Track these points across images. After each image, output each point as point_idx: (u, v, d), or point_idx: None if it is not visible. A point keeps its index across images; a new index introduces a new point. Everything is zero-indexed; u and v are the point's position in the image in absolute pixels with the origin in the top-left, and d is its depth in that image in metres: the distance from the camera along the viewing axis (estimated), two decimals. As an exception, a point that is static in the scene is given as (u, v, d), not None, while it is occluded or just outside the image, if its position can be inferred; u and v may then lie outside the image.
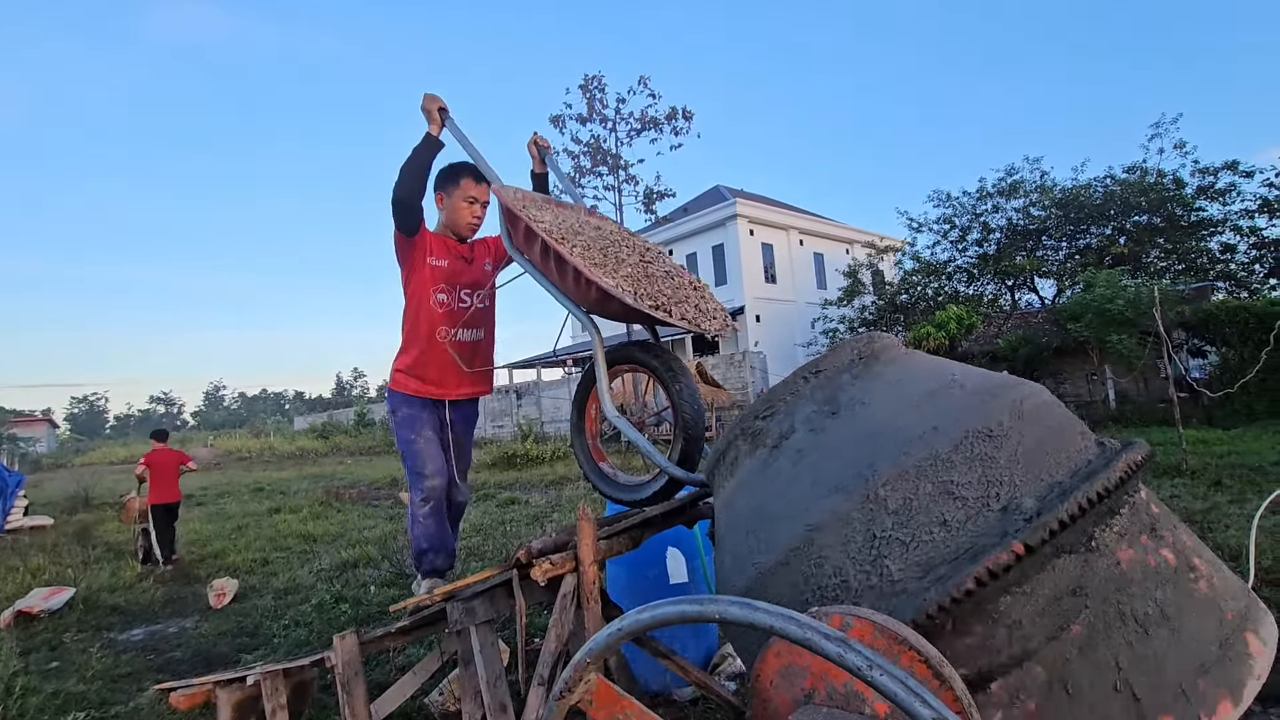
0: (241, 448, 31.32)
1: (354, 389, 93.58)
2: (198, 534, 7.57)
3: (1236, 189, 18.40)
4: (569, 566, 1.42)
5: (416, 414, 2.47)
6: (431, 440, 2.46)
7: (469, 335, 2.53)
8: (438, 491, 2.42)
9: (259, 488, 13.89)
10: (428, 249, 2.43)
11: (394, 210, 2.30)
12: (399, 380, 2.50)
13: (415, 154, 2.27)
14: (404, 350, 2.50)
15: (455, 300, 2.48)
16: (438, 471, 2.43)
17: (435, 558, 2.47)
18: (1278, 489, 4.87)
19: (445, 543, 2.52)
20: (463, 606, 1.50)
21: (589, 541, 1.39)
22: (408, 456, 2.46)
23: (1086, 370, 14.65)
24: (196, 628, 3.99)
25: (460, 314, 2.48)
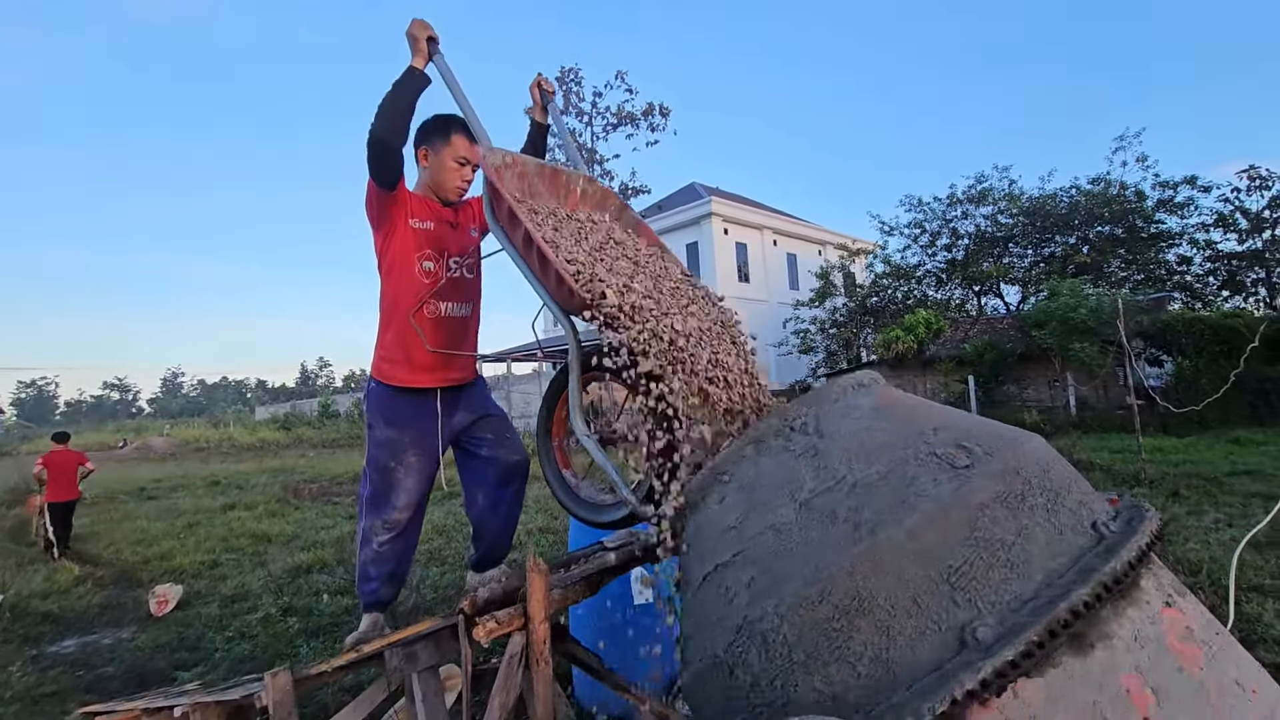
0: (199, 438, 30.36)
1: (319, 378, 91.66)
2: (145, 532, 7.23)
3: (1194, 203, 19.05)
4: (517, 624, 1.28)
5: (398, 438, 2.11)
6: (413, 469, 2.12)
7: (459, 310, 2.19)
8: (402, 524, 2.14)
9: (215, 481, 13.44)
10: (408, 209, 2.09)
11: (370, 154, 1.94)
12: (384, 370, 2.13)
13: (396, 89, 1.92)
14: (385, 330, 2.14)
15: (442, 269, 2.13)
16: (410, 504, 2.13)
17: (381, 588, 2.20)
18: (1233, 503, 4.99)
19: (397, 572, 2.24)
20: (403, 652, 1.37)
21: (540, 596, 1.26)
22: (376, 482, 2.13)
23: (1049, 376, 14.96)
24: (133, 639, 3.76)
25: (449, 286, 2.14)
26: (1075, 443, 9.21)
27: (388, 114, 1.91)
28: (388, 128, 1.92)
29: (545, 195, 1.89)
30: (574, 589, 1.49)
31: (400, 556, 2.21)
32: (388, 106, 1.92)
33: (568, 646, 1.68)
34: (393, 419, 2.12)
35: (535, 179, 1.86)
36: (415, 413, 2.13)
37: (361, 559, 2.19)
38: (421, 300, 2.08)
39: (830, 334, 21.97)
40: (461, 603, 1.36)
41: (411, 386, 2.13)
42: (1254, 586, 3.42)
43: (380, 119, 1.91)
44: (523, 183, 1.83)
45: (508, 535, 2.34)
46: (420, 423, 2.13)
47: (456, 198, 2.20)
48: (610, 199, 2.02)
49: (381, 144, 1.92)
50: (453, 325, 2.15)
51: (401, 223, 2.09)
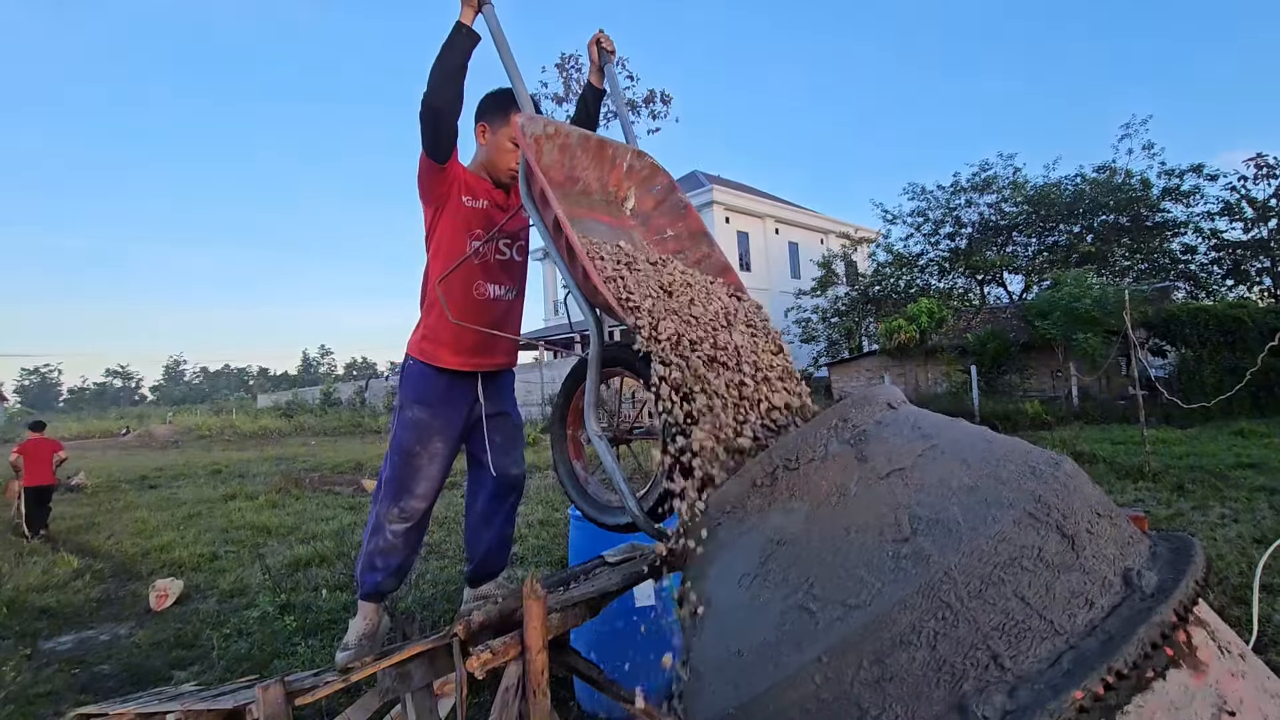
0: (202, 425, 30.40)
1: (320, 366, 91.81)
2: (145, 523, 7.21)
3: (1200, 192, 18.86)
4: (512, 653, 1.23)
5: (429, 420, 2.03)
6: (437, 457, 2.04)
7: (506, 294, 2.11)
8: (419, 514, 2.07)
9: (217, 469, 13.44)
10: (462, 185, 2.00)
11: (423, 122, 1.82)
12: (427, 349, 2.03)
13: (442, 51, 1.78)
14: (430, 310, 2.04)
15: (493, 251, 2.06)
16: (428, 493, 2.06)
17: (383, 580, 2.12)
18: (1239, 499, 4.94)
19: (405, 566, 2.17)
20: (396, 671, 1.33)
21: (537, 624, 1.21)
22: (398, 466, 2.04)
23: (1052, 367, 14.90)
24: (131, 635, 3.74)
25: (497, 267, 2.07)
26: (1078, 434, 9.17)
27: (436, 79, 1.78)
28: (438, 95, 1.78)
29: (589, 169, 1.79)
30: (573, 611, 1.43)
31: (412, 547, 2.13)
32: (436, 71, 1.78)
33: (567, 658, 1.64)
34: (426, 399, 2.04)
35: (579, 151, 1.75)
36: (449, 395, 2.06)
37: (369, 547, 2.09)
38: (471, 283, 2.00)
39: (832, 323, 21.90)
40: (455, 626, 1.31)
41: (453, 369, 2.05)
42: (1263, 585, 3.38)
43: (431, 85, 1.79)
44: (564, 155, 1.72)
45: (500, 550, 2.27)
46: (453, 407, 2.07)
47: (509, 180, 2.09)
48: (659, 176, 1.91)
49: (433, 112, 1.80)
50: (498, 308, 2.08)
51: (454, 199, 2.00)
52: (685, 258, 1.88)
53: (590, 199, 1.83)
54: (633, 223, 1.91)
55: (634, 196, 1.92)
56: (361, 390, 35.12)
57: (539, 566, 4.59)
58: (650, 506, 1.50)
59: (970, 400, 13.93)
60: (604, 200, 1.87)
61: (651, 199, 1.93)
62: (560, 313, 28.13)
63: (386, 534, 2.05)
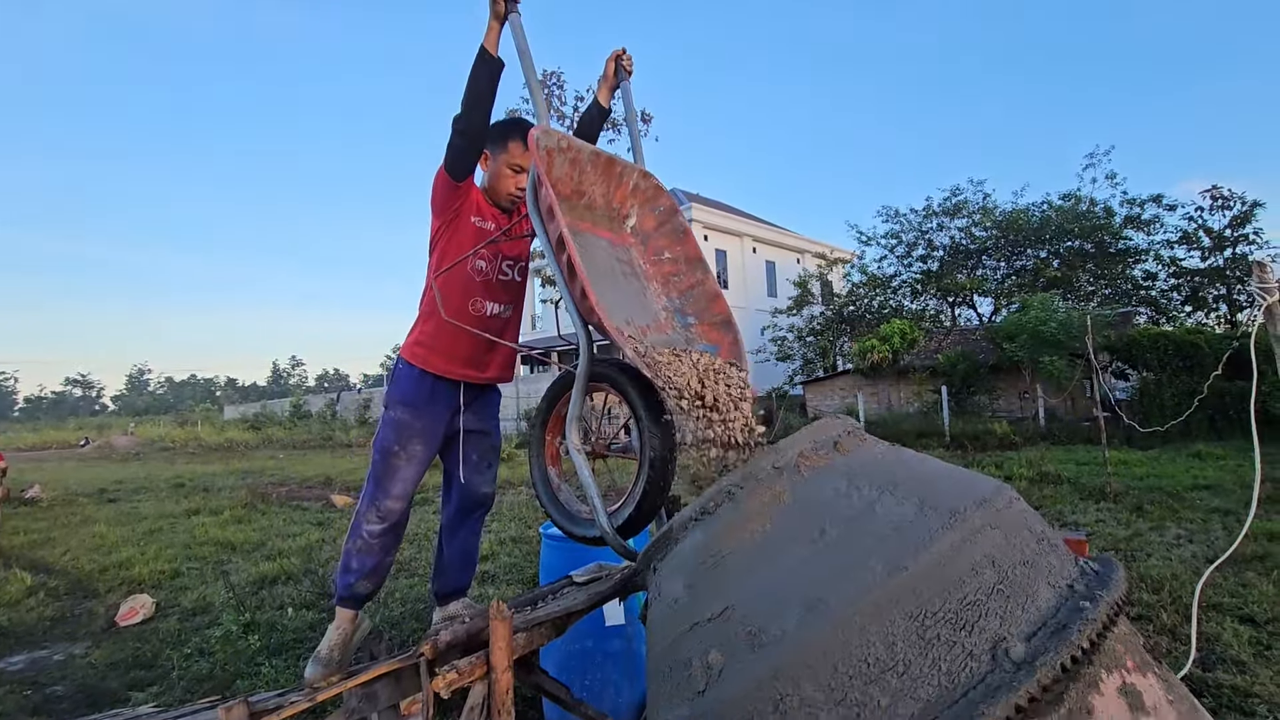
0: (165, 436, 29.60)
1: (291, 377, 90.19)
2: (103, 538, 7.00)
3: (1160, 220, 19.62)
4: (478, 673, 1.24)
5: (411, 421, 2.07)
6: (415, 460, 2.08)
7: (503, 312, 2.18)
8: (394, 515, 2.08)
9: (180, 483, 13.09)
10: (473, 205, 2.07)
11: (453, 144, 1.90)
12: (418, 354, 2.08)
13: (473, 77, 1.84)
14: (428, 318, 2.10)
15: (496, 271, 2.13)
16: (404, 495, 2.07)
17: (359, 582, 2.10)
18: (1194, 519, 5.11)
19: (380, 569, 2.15)
20: (362, 691, 1.33)
21: (503, 645, 1.22)
22: (377, 465, 2.08)
23: (1020, 388, 15.24)
24: (87, 655, 3.63)
25: (498, 287, 2.14)
26: (1044, 454, 9.38)
27: (470, 106, 1.85)
28: (468, 119, 1.85)
29: (596, 184, 1.83)
30: (539, 631, 1.44)
31: (387, 550, 2.13)
32: (469, 99, 1.85)
33: (535, 678, 1.64)
34: (410, 401, 2.08)
35: (588, 166, 1.79)
36: (433, 400, 2.10)
37: (347, 548, 2.10)
38: (470, 298, 2.06)
39: (808, 342, 22.17)
40: (422, 645, 1.31)
41: (440, 375, 2.09)
42: (1213, 605, 3.50)
43: (463, 109, 1.85)
44: (574, 169, 1.76)
45: (463, 567, 2.27)
46: (436, 413, 2.11)
47: (509, 204, 2.15)
48: (662, 197, 1.96)
49: (462, 136, 1.87)
50: (494, 325, 2.14)
51: (464, 217, 2.06)
52: (679, 282, 1.92)
53: (594, 213, 1.87)
54: (632, 240, 1.95)
55: (636, 215, 1.97)
56: (333, 403, 34.53)
57: (510, 585, 4.55)
58: (621, 524, 1.53)
59: (941, 420, 14.17)
60: (607, 216, 1.91)
61: (653, 219, 1.97)
62: (538, 327, 28.07)
63: (362, 534, 2.06)
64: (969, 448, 11.86)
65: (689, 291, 1.87)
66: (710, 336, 1.78)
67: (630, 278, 1.78)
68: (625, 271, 1.78)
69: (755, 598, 0.90)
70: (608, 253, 1.77)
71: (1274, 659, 2.84)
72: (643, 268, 1.87)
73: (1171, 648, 3.00)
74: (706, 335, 1.79)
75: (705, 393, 1.34)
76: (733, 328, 1.81)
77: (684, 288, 1.87)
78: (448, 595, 2.22)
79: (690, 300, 1.87)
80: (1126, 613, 0.84)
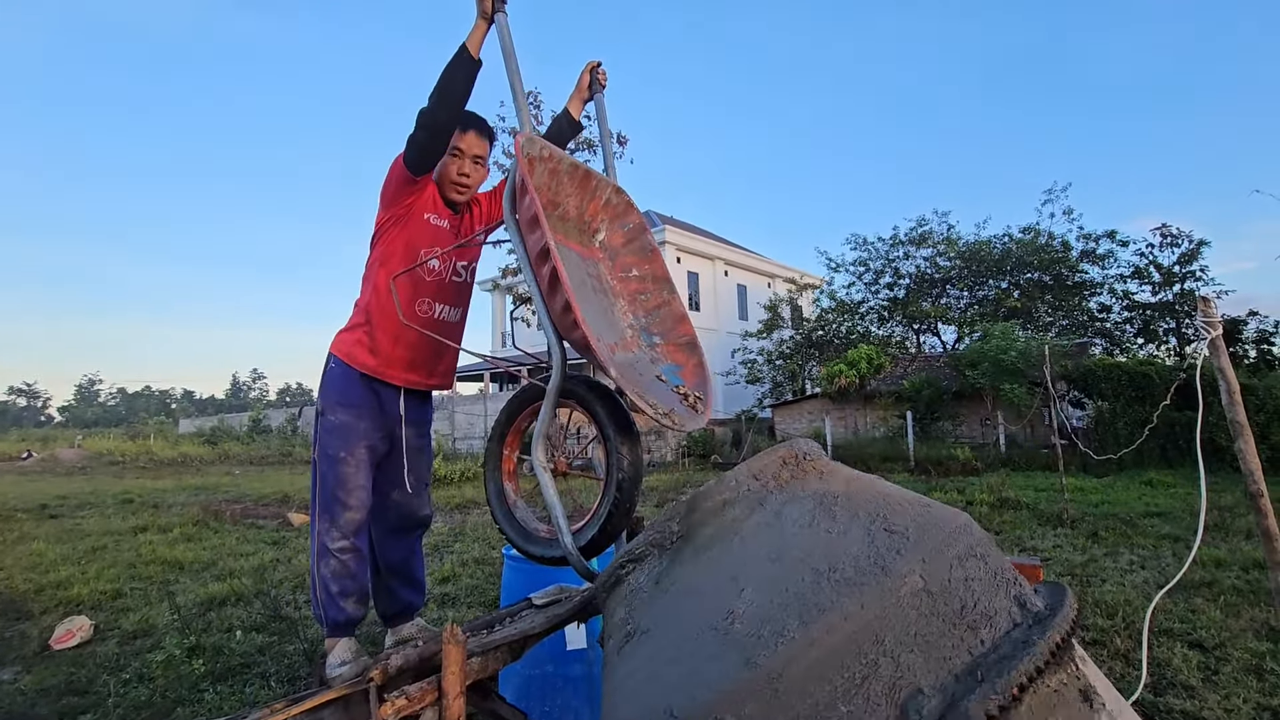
0: (115, 450, 28.43)
1: (251, 391, 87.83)
2: (41, 556, 6.65)
3: (1114, 255, 20.45)
4: (429, 699, 1.20)
5: (354, 423, 1.91)
6: (363, 464, 1.92)
7: (451, 315, 2.08)
8: (356, 526, 1.92)
9: (128, 499, 12.56)
10: (428, 201, 1.99)
11: (415, 139, 1.81)
12: (353, 352, 1.94)
13: (450, 75, 1.76)
14: (367, 313, 1.95)
15: (450, 272, 2.04)
16: (361, 504, 1.91)
17: (348, 604, 1.90)
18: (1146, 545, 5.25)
19: (364, 584, 1.98)
20: (309, 718, 1.27)
21: (455, 670, 1.18)
22: (325, 477, 1.91)
23: (981, 414, 15.59)
24: (15, 680, 3.42)
25: (449, 288, 2.04)
26: (1004, 480, 9.57)
27: (437, 101, 1.77)
28: (436, 116, 1.78)
29: (571, 196, 1.82)
30: (494, 655, 1.40)
31: (361, 564, 1.98)
32: (438, 93, 1.77)
33: (491, 704, 1.60)
34: (350, 401, 1.94)
35: (565, 178, 1.78)
36: (375, 402, 1.97)
37: (321, 575, 1.91)
38: (417, 299, 1.97)
39: (777, 365, 22.41)
40: (372, 669, 1.26)
41: (378, 378, 1.96)
42: (1164, 630, 3.58)
43: (431, 104, 1.78)
44: (552, 179, 1.74)
45: (408, 587, 2.15)
46: (378, 414, 1.97)
47: (455, 195, 2.05)
48: (632, 214, 1.96)
49: (428, 132, 1.79)
50: (443, 330, 2.04)
51: (417, 212, 1.97)
52: (646, 300, 1.91)
53: (565, 225, 1.85)
54: (600, 255, 1.94)
55: (605, 230, 1.96)
56: (294, 418, 33.64)
57: (471, 607, 4.45)
58: (583, 545, 1.50)
59: (906, 445, 14.40)
60: (578, 229, 1.90)
61: (621, 235, 1.96)
62: (509, 345, 27.86)
63: (332, 556, 1.90)
64: (933, 473, 12.06)
65: (656, 311, 1.87)
66: (675, 357, 1.78)
67: (599, 293, 1.78)
68: (594, 287, 1.78)
69: (681, 637, 0.89)
70: (579, 266, 1.76)
71: (1222, 683, 2.91)
72: (610, 284, 1.86)
73: (1125, 672, 3.05)
74: (671, 355, 1.78)
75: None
76: (698, 350, 1.80)
77: (651, 306, 1.87)
78: (395, 617, 2.13)
79: (656, 319, 1.86)
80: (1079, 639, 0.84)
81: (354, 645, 1.90)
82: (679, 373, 1.72)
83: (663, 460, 17.86)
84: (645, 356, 1.72)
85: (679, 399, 1.58)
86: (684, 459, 17.48)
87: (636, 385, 1.44)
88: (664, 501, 9.67)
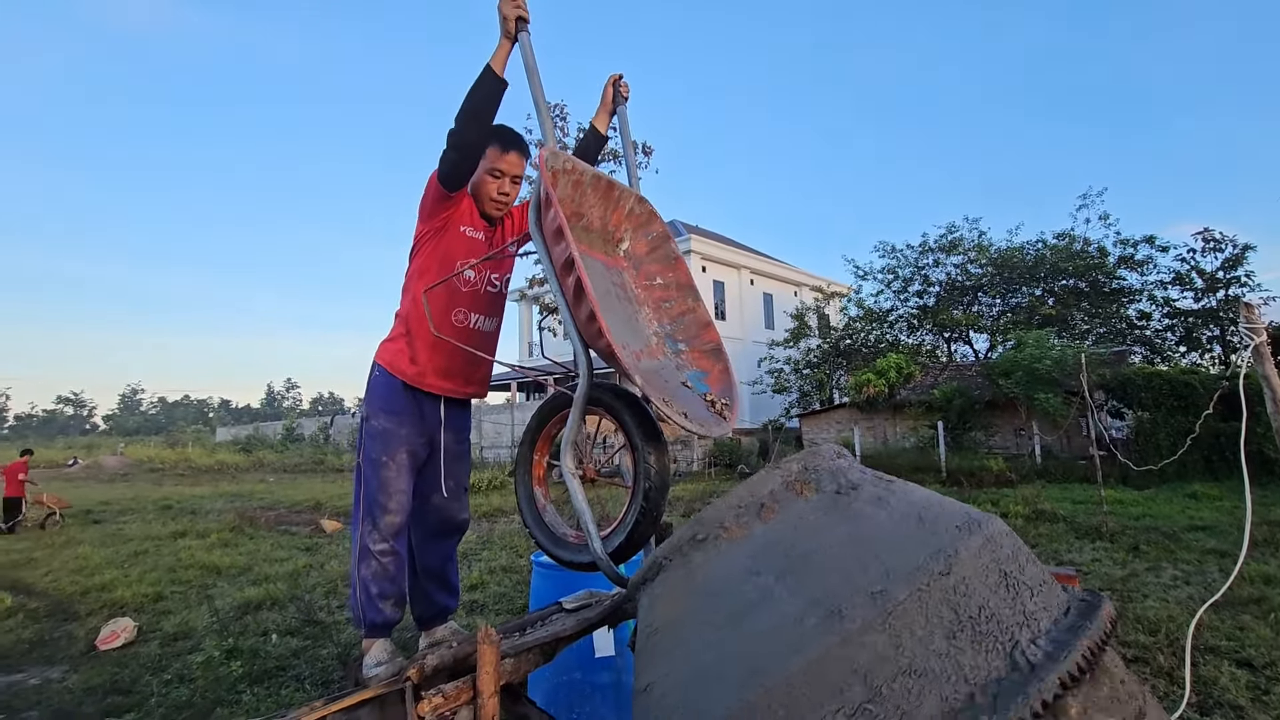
0: (155, 458, 29.33)
1: (285, 400, 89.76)
2: (86, 560, 6.89)
3: (1153, 261, 19.85)
4: (464, 698, 1.23)
5: (395, 429, 1.99)
6: (404, 468, 2.00)
7: (486, 325, 2.15)
8: (396, 529, 1.98)
9: (167, 505, 12.94)
10: (464, 214, 2.06)
11: (446, 156, 1.89)
12: (395, 361, 2.02)
13: (476, 94, 1.83)
14: (407, 323, 2.03)
15: (484, 283, 2.11)
16: (401, 508, 1.98)
17: (386, 606, 1.96)
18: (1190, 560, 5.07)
19: (402, 588, 2.04)
20: (345, 717, 1.30)
21: (490, 669, 1.20)
22: (369, 480, 1.98)
23: (1015, 425, 15.24)
24: (64, 680, 3.55)
25: (484, 298, 2.12)
26: (1039, 492, 9.33)
27: (464, 119, 1.85)
28: (464, 134, 1.85)
29: (595, 206, 1.85)
30: (527, 657, 1.42)
31: (401, 567, 2.03)
32: (465, 111, 1.84)
33: (522, 709, 1.61)
34: (392, 408, 2.02)
35: (589, 189, 1.82)
36: (416, 409, 2.04)
37: (361, 576, 1.97)
38: (453, 309, 2.04)
39: (804, 374, 22.20)
40: (409, 669, 1.29)
41: (418, 386, 2.03)
42: (1210, 648, 3.45)
43: (459, 124, 1.85)
44: (576, 191, 1.78)
45: (444, 591, 2.20)
46: (419, 421, 2.04)
47: (495, 212, 2.13)
48: (655, 223, 1.99)
49: (458, 150, 1.87)
50: (476, 338, 2.10)
51: (454, 226, 2.05)
52: (671, 308, 1.94)
53: (590, 236, 1.89)
54: (625, 264, 1.97)
55: (629, 239, 1.99)
56: (326, 426, 34.30)
57: (499, 614, 4.48)
58: (610, 551, 1.51)
59: (937, 455, 14.13)
60: (602, 238, 1.93)
61: (645, 244, 1.99)
62: (535, 355, 28.07)
63: (374, 558, 1.96)
64: (965, 484, 11.81)
65: (680, 318, 1.88)
66: (700, 363, 1.79)
67: (624, 301, 1.80)
68: (619, 295, 1.80)
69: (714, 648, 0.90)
70: (603, 276, 1.79)
71: (1272, 704, 2.80)
72: (635, 292, 1.89)
73: (1168, 690, 2.95)
74: (696, 362, 1.80)
75: None
76: (723, 356, 1.81)
77: (675, 314, 1.88)
78: (430, 620, 2.18)
79: (681, 326, 1.88)
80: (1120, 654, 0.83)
81: (390, 646, 1.94)
82: (705, 379, 1.73)
83: (689, 470, 17.80)
84: (670, 363, 1.73)
85: (705, 405, 1.59)
86: (710, 469, 17.40)
87: (661, 392, 1.45)
88: (690, 511, 9.63)
